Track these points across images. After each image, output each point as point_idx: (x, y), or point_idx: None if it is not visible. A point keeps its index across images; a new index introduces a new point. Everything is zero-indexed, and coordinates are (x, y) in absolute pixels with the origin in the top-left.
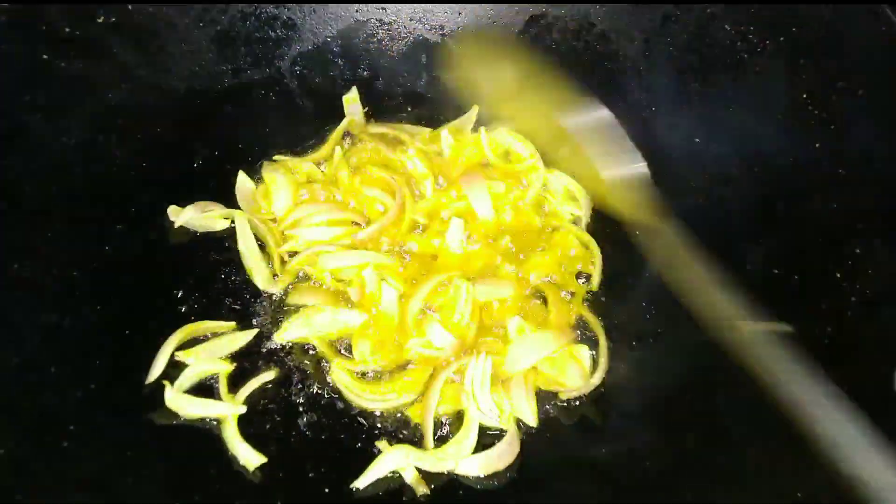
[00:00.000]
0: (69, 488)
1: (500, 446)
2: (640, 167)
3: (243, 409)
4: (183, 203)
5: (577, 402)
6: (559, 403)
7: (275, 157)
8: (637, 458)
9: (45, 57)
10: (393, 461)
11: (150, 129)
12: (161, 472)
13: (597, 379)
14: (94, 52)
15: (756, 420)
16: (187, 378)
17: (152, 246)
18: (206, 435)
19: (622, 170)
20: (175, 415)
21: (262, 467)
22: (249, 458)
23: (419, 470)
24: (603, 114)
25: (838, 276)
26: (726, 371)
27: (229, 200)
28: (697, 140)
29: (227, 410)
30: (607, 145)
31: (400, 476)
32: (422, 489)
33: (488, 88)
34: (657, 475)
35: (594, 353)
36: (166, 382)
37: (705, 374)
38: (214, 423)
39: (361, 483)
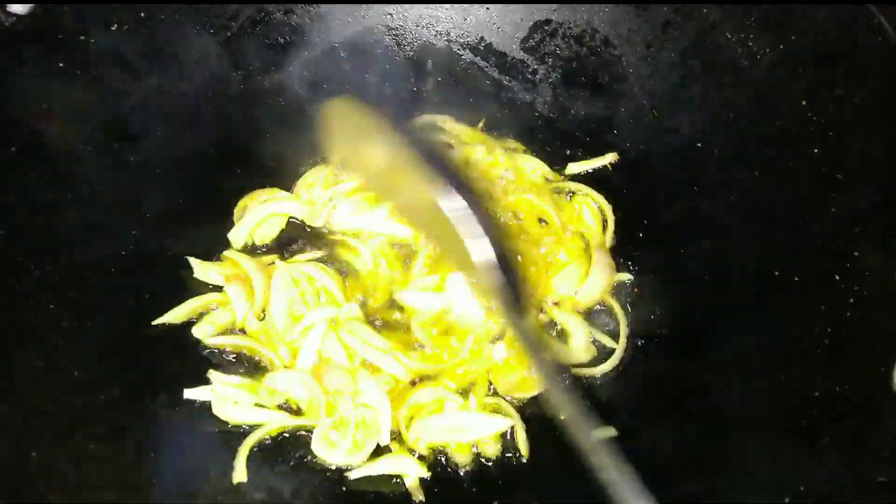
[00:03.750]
0: (95, 487)
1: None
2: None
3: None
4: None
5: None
6: None
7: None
8: (639, 450)
9: (60, 65)
10: (396, 464)
11: (162, 135)
12: (182, 472)
13: (615, 358)
14: (108, 59)
15: (757, 414)
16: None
17: (167, 249)
18: (228, 438)
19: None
20: (195, 418)
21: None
22: (239, 471)
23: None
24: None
25: (837, 277)
26: (727, 366)
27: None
28: (699, 144)
29: (270, 418)
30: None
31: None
32: (419, 496)
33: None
34: (658, 468)
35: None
36: (211, 388)
37: (707, 368)
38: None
39: (355, 475)
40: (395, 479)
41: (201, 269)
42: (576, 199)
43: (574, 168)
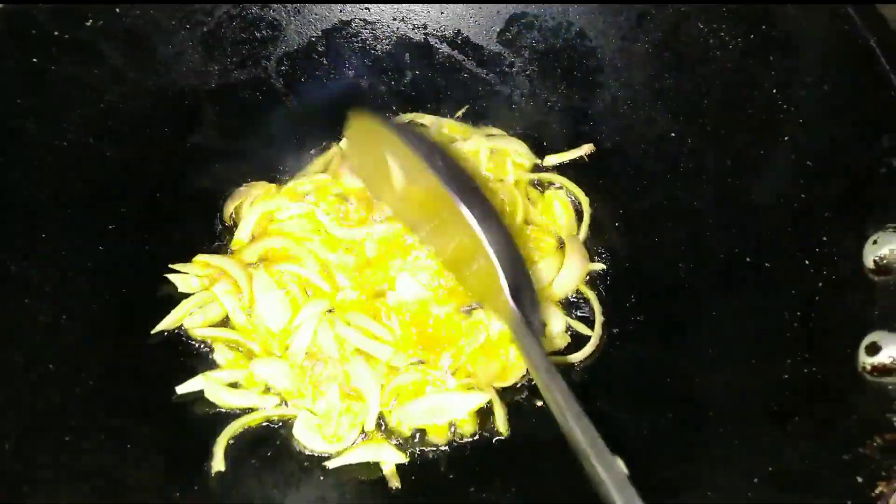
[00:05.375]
0: (72, 480)
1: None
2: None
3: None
4: (173, 204)
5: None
6: None
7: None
8: (616, 437)
9: (34, 61)
10: (374, 452)
11: (141, 130)
12: (161, 464)
13: (590, 345)
14: (84, 55)
15: (730, 398)
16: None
17: (145, 245)
18: (205, 429)
19: None
20: (174, 410)
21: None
22: (217, 460)
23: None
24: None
25: (807, 262)
26: (701, 352)
27: (214, 203)
28: (673, 134)
29: (261, 403)
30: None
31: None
32: (395, 483)
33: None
34: (635, 454)
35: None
36: (204, 375)
37: (682, 355)
38: (215, 419)
39: (333, 464)
40: (372, 466)
41: (183, 283)
42: (547, 193)
43: (551, 160)
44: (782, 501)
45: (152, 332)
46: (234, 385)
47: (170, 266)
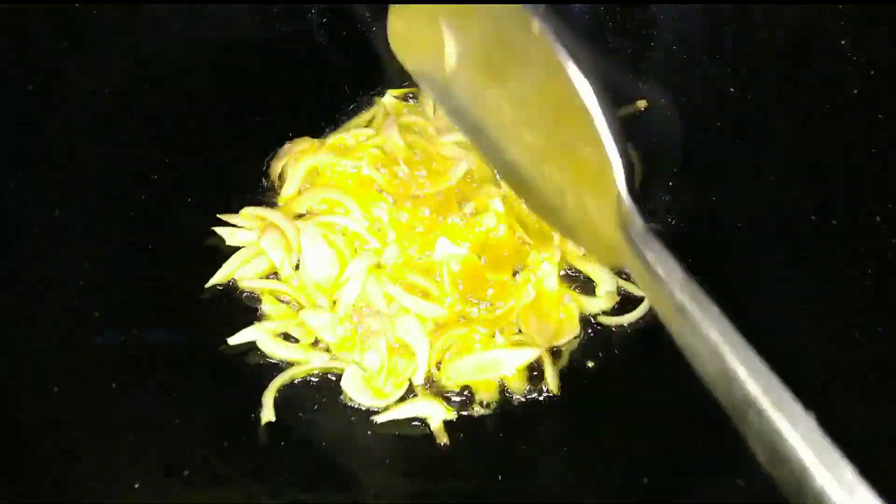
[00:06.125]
0: (119, 429)
1: None
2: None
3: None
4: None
5: (616, 350)
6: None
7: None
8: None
9: (76, 5)
10: (422, 407)
11: (181, 80)
12: (208, 415)
13: (644, 306)
14: (124, 4)
15: (798, 363)
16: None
17: (188, 196)
18: (252, 382)
19: None
20: (217, 361)
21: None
22: (267, 410)
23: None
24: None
25: (878, 219)
26: (765, 313)
27: (256, 150)
28: (732, 90)
29: (311, 357)
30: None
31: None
32: (443, 439)
33: None
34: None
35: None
36: (256, 325)
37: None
38: (263, 372)
39: (382, 418)
40: (419, 422)
41: (231, 236)
42: None
43: None
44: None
45: (206, 286)
46: (284, 336)
47: (217, 216)
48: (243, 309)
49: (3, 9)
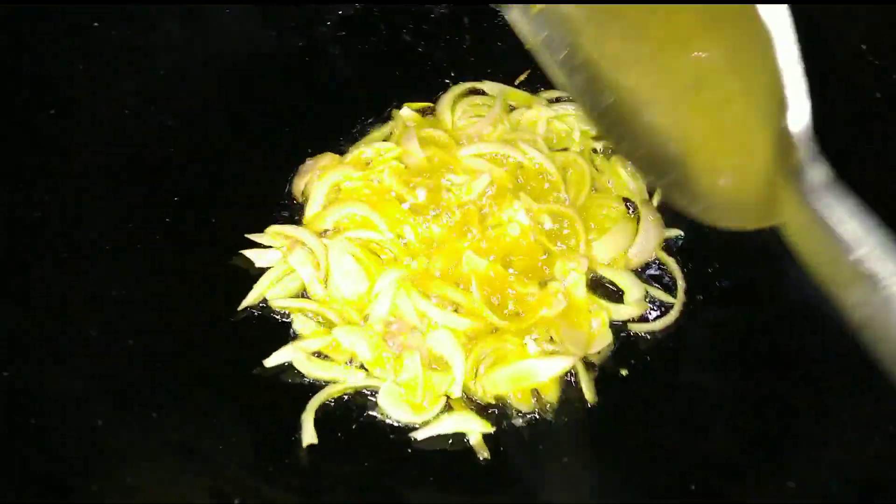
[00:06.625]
0: (161, 455)
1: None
2: None
3: (361, 375)
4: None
5: (648, 357)
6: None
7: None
8: (714, 400)
9: (95, 25)
10: (460, 422)
11: (195, 98)
12: (248, 439)
13: (674, 313)
14: (141, 20)
15: (837, 359)
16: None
17: (208, 217)
18: (289, 403)
19: None
20: (253, 383)
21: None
22: (308, 433)
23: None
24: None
25: None
26: (798, 313)
27: (275, 167)
28: None
29: (346, 375)
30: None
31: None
32: (484, 454)
33: None
34: (737, 415)
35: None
36: (292, 344)
37: (776, 317)
38: (298, 393)
39: (421, 435)
40: (458, 437)
41: (259, 257)
42: (614, 158)
43: None
44: None
45: (238, 308)
46: (319, 355)
47: (245, 236)
48: (275, 329)
49: (14, 26)
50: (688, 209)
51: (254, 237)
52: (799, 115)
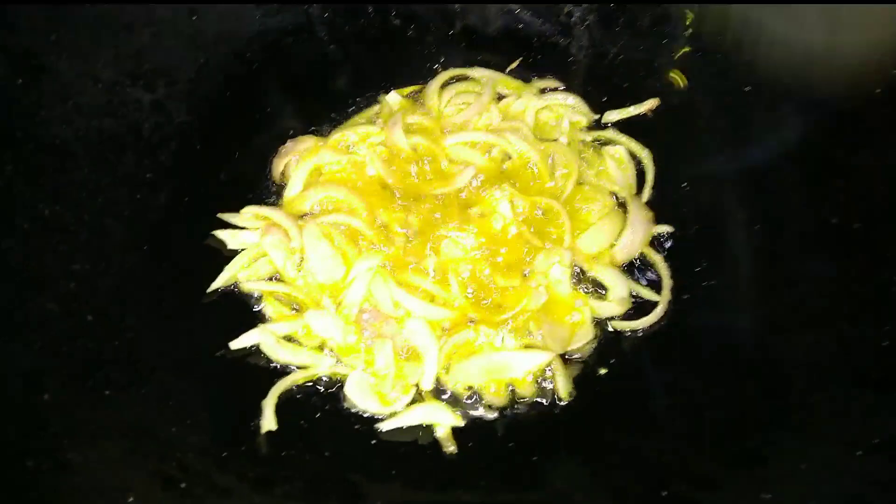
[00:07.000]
0: (113, 435)
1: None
2: None
3: (330, 362)
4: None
5: (630, 355)
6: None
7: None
8: (693, 406)
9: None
10: (429, 413)
11: (177, 74)
12: (206, 422)
13: (658, 311)
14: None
15: (820, 366)
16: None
17: (182, 195)
18: (252, 388)
19: None
20: (215, 366)
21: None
22: (268, 419)
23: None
24: None
25: None
26: (784, 317)
27: (255, 148)
28: (748, 88)
29: (316, 361)
30: None
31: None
32: (450, 447)
33: None
34: (715, 421)
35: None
36: (260, 327)
37: (761, 320)
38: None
39: (387, 426)
40: (426, 429)
41: (232, 239)
42: (604, 151)
43: (612, 116)
44: (892, 474)
45: (207, 290)
46: (289, 339)
47: (218, 216)
48: (245, 313)
49: None
50: None
51: (228, 217)
52: None
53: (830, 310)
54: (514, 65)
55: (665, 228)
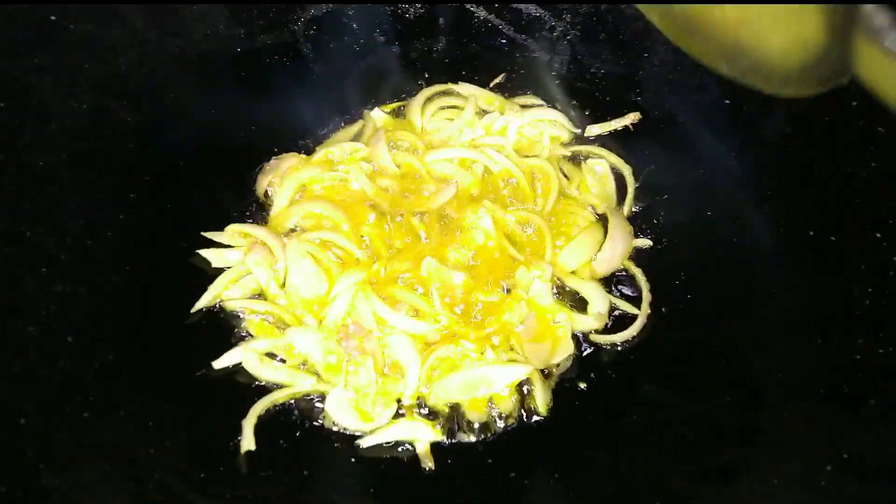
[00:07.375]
0: (91, 458)
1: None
2: None
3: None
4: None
5: (609, 370)
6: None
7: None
8: (669, 422)
9: (52, 18)
10: (409, 429)
11: (161, 94)
12: (183, 442)
13: (637, 325)
14: (103, 14)
15: (793, 381)
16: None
17: (168, 216)
18: (233, 408)
19: None
20: (195, 387)
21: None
22: (247, 439)
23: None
24: None
25: (878, 236)
26: (759, 331)
27: (239, 166)
28: (728, 101)
29: (297, 380)
30: None
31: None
32: (429, 463)
33: None
34: (688, 438)
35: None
36: (242, 345)
37: (737, 334)
38: (243, 398)
39: (367, 442)
40: (406, 447)
41: (217, 257)
42: (585, 165)
43: (594, 129)
44: (861, 491)
45: (192, 310)
46: (271, 356)
47: (202, 234)
48: (228, 333)
49: None
50: (763, 87)
51: (212, 236)
52: None
53: (804, 324)
54: (498, 79)
55: (645, 242)
